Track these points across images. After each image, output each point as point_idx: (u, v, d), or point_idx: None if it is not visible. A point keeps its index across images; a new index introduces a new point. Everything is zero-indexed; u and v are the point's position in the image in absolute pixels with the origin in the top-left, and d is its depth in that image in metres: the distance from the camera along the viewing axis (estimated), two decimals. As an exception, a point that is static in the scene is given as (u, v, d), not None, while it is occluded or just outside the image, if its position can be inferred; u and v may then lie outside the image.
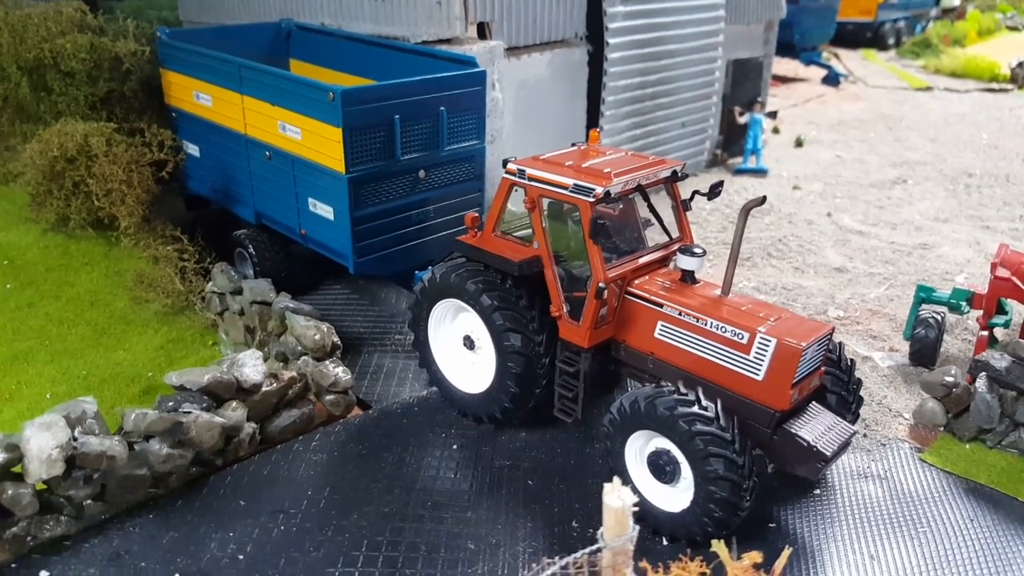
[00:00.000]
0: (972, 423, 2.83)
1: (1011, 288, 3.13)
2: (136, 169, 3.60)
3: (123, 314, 3.55)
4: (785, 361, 2.27)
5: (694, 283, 2.61)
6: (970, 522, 2.52)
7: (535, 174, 2.62)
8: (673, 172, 2.68)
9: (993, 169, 6.20)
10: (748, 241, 4.63)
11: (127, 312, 3.55)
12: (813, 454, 2.29)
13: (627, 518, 1.76)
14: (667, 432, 2.31)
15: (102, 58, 3.87)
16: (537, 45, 4.38)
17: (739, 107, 5.88)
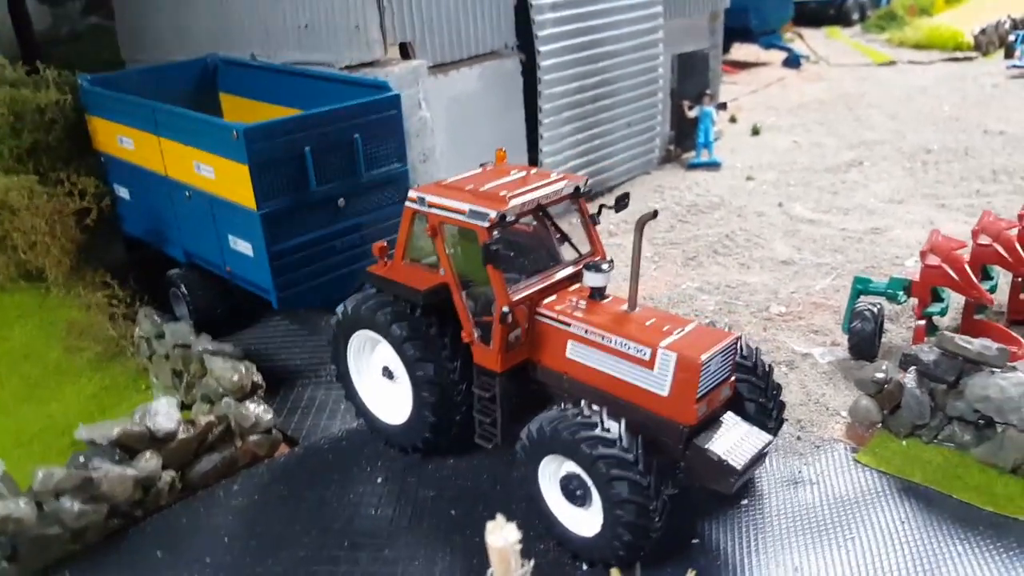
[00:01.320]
0: (906, 419, 2.77)
1: (942, 276, 3.07)
2: (59, 219, 3.58)
3: (57, 365, 3.52)
4: (687, 374, 2.22)
5: (603, 299, 2.57)
6: (902, 524, 2.46)
7: (434, 201, 2.58)
8: (576, 188, 2.64)
9: (952, 143, 6.12)
10: (695, 239, 4.57)
11: (61, 362, 3.53)
12: (724, 468, 2.24)
13: (512, 556, 1.72)
14: (572, 456, 2.26)
15: (24, 110, 3.85)
16: (465, 60, 4.34)
17: (688, 101, 5.83)
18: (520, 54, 4.58)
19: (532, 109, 4.73)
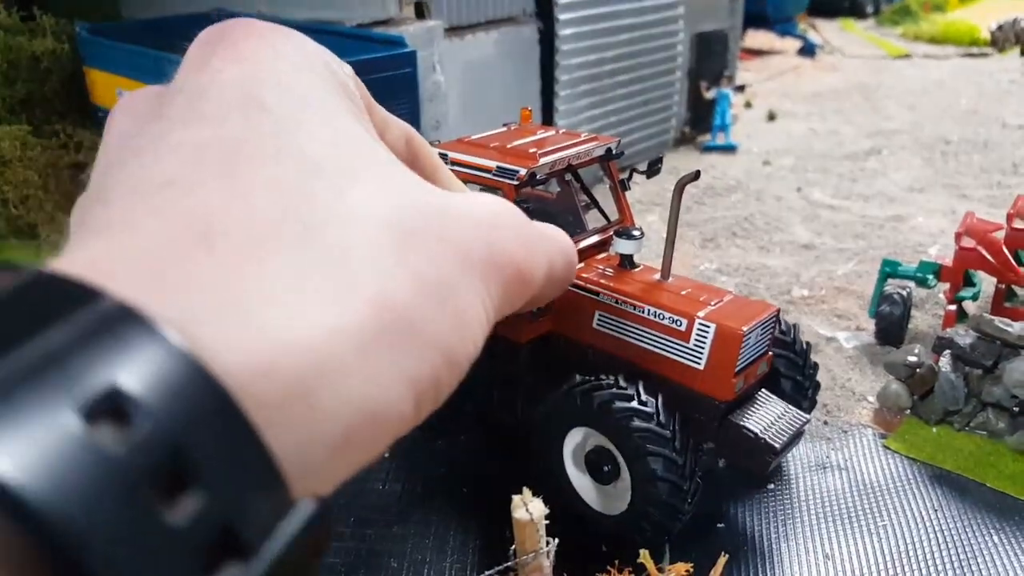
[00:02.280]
0: (938, 405, 2.66)
1: (977, 258, 2.96)
2: (53, 173, 3.41)
3: (47, 326, 3.36)
4: (726, 347, 2.09)
5: (633, 268, 2.43)
6: (935, 512, 2.35)
7: (458, 158, 2.43)
8: (608, 150, 2.49)
9: (971, 135, 6.00)
10: (712, 221, 4.45)
11: (51, 324, 3.37)
12: (761, 446, 2.12)
13: (538, 531, 1.60)
14: (603, 428, 2.14)
15: (18, 58, 3.67)
16: (482, 24, 4.17)
17: (706, 82, 5.67)
18: (538, 22, 4.42)
19: (548, 81, 4.57)
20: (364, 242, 0.26)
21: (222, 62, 0.30)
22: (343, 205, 0.27)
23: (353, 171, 0.29)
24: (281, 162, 0.27)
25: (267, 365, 0.22)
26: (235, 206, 0.25)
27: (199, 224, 0.24)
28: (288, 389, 0.22)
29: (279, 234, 0.25)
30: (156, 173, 0.26)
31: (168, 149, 0.27)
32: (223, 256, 0.23)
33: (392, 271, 0.26)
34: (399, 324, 0.26)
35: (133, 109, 0.33)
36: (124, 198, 0.26)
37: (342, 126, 0.30)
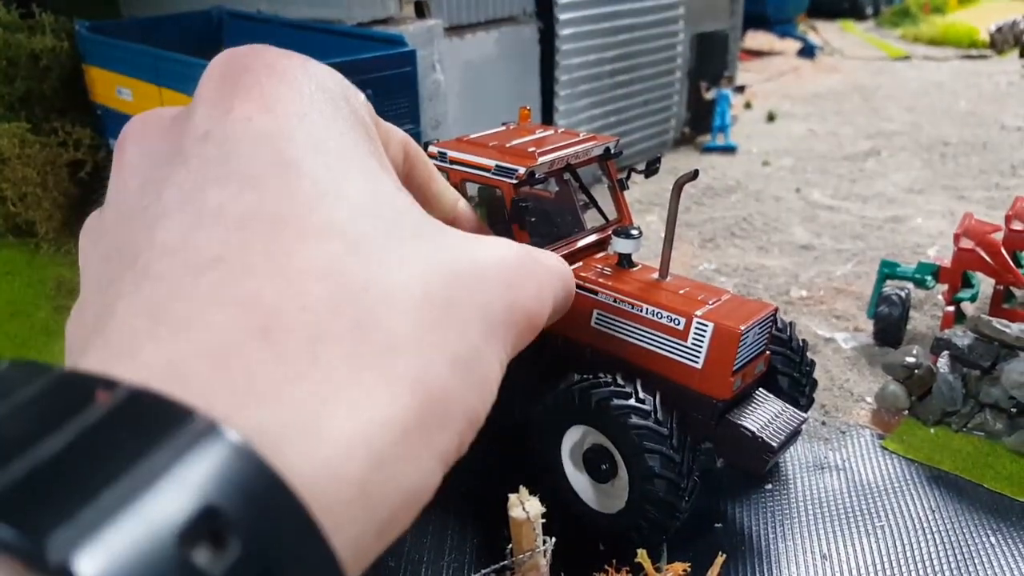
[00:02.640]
0: (936, 406, 2.66)
1: (976, 260, 2.96)
2: (52, 170, 3.41)
3: (44, 324, 3.36)
4: (724, 346, 2.09)
5: (631, 267, 2.43)
6: (932, 512, 2.35)
7: (457, 156, 2.43)
8: (606, 149, 2.49)
9: (970, 137, 6.01)
10: (711, 221, 4.45)
11: (48, 322, 3.36)
12: (759, 445, 2.12)
13: (534, 531, 1.60)
14: (601, 426, 2.14)
15: (17, 55, 3.66)
16: (482, 23, 4.18)
17: (705, 82, 5.68)
18: (538, 22, 4.42)
19: (548, 81, 4.57)
20: (407, 325, 0.27)
21: (249, 109, 0.29)
22: (387, 281, 0.27)
23: (393, 238, 0.29)
24: (327, 239, 0.27)
25: (336, 473, 0.23)
26: (289, 295, 0.25)
27: (259, 317, 0.24)
28: (351, 491, 0.24)
29: (333, 326, 0.25)
30: (203, 246, 0.26)
31: (210, 216, 0.27)
32: (286, 357, 0.24)
33: (431, 354, 0.27)
34: (436, 407, 0.27)
35: (146, 142, 0.32)
36: (174, 273, 0.25)
37: (375, 184, 0.31)
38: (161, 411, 0.21)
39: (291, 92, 0.31)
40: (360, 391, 0.25)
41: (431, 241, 0.31)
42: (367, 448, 0.24)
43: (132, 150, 0.32)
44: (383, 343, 0.26)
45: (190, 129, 0.30)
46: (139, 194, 0.30)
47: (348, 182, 0.29)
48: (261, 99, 0.30)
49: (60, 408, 0.20)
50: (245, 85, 0.30)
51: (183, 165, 0.29)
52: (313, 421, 0.24)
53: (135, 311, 0.25)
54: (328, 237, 0.27)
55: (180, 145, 0.30)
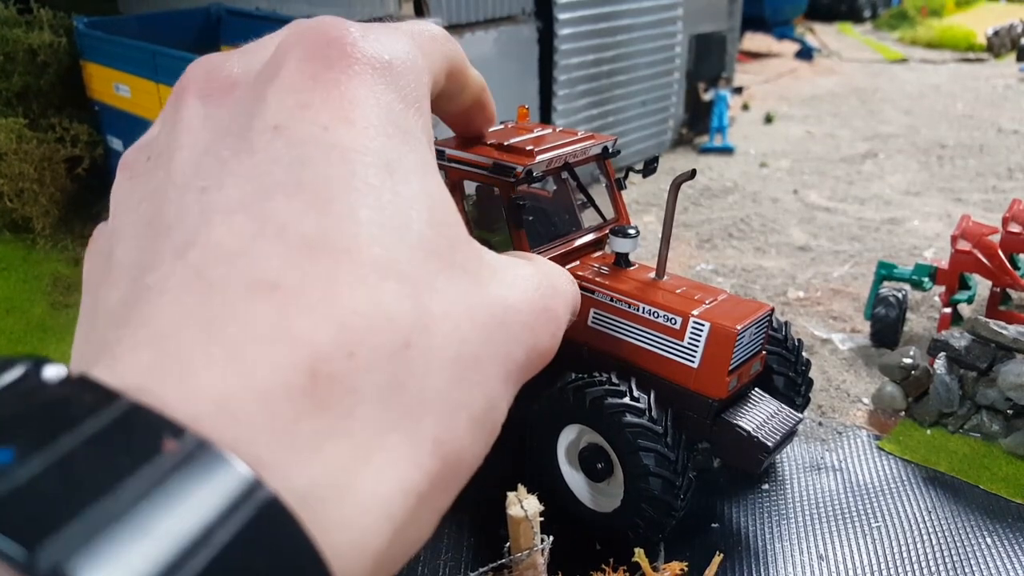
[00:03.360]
0: (932, 407, 2.66)
1: (973, 261, 2.96)
2: (49, 166, 3.39)
3: (40, 321, 3.34)
4: (720, 346, 2.09)
5: (628, 266, 2.43)
6: (928, 513, 2.35)
7: (455, 154, 2.42)
8: (604, 148, 2.49)
9: (967, 140, 6.03)
10: (709, 222, 4.45)
11: (45, 319, 3.35)
12: (754, 445, 2.12)
13: (532, 529, 1.59)
14: (596, 425, 2.14)
15: (15, 51, 3.65)
16: (481, 22, 4.17)
17: (703, 83, 5.68)
18: (537, 21, 4.42)
19: (546, 80, 4.57)
20: (438, 383, 0.27)
21: (327, 116, 0.28)
22: (430, 333, 0.27)
23: (443, 276, 0.29)
24: (383, 278, 0.26)
25: (360, 545, 0.23)
26: (339, 340, 0.24)
27: (309, 361, 0.24)
28: (368, 563, 0.23)
29: (372, 379, 0.25)
30: (263, 264, 0.25)
31: (274, 230, 0.26)
32: (327, 409, 0.24)
33: (455, 414, 0.27)
34: (450, 468, 0.27)
35: (211, 101, 0.31)
36: (231, 287, 0.25)
37: (437, 213, 0.30)
38: (216, 465, 0.20)
39: (371, 96, 0.29)
40: (387, 455, 0.25)
41: (476, 280, 0.30)
42: (391, 519, 0.24)
43: (193, 105, 0.31)
44: (414, 402, 0.26)
45: (260, 113, 0.28)
46: (196, 166, 0.29)
47: (412, 209, 0.28)
48: (340, 106, 0.29)
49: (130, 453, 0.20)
50: (325, 82, 0.29)
51: (249, 154, 0.27)
52: (348, 486, 0.23)
53: (187, 319, 0.24)
54: (385, 276, 0.26)
55: (248, 126, 0.28)
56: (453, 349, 0.27)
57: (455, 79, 0.41)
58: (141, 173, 0.31)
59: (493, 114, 0.49)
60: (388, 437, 0.25)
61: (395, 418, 0.25)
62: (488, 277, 0.31)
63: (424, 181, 0.30)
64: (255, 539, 0.19)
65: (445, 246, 0.29)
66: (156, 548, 0.18)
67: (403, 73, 0.32)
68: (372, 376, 0.25)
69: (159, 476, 0.19)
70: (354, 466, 0.23)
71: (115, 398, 0.21)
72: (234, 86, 0.31)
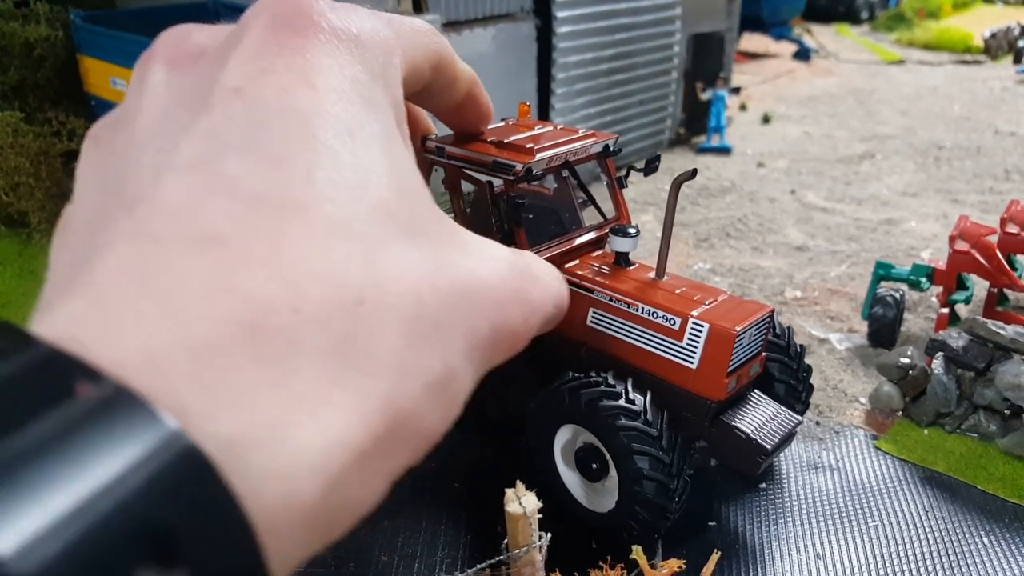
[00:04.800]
0: (929, 407, 2.67)
1: (971, 262, 2.97)
2: (45, 160, 3.37)
3: (36, 316, 3.33)
4: (719, 347, 2.09)
5: (628, 266, 2.42)
6: (925, 513, 2.36)
7: (455, 152, 2.41)
8: (605, 146, 2.49)
9: (964, 141, 6.04)
10: (707, 221, 4.45)
11: (40, 314, 3.33)
12: (752, 447, 2.12)
13: (530, 526, 1.59)
14: (592, 426, 2.13)
15: (11, 44, 3.63)
16: (480, 20, 4.16)
17: (701, 83, 5.69)
18: (536, 19, 4.41)
19: (545, 79, 4.56)
20: (392, 343, 0.26)
21: (288, 79, 0.28)
22: (384, 293, 0.26)
23: (403, 242, 0.28)
24: (337, 237, 0.26)
25: (292, 498, 0.22)
26: (284, 295, 0.24)
27: (249, 314, 0.23)
28: (302, 515, 0.23)
29: (320, 335, 0.24)
30: (208, 218, 0.25)
31: (224, 186, 0.26)
32: (267, 361, 0.23)
33: (409, 376, 0.26)
34: (400, 429, 0.26)
35: (176, 67, 0.31)
36: (172, 241, 0.24)
37: (401, 179, 0.30)
38: (133, 411, 0.20)
39: (335, 65, 0.29)
40: (331, 410, 0.24)
41: (439, 248, 0.30)
42: (326, 473, 0.23)
43: (158, 71, 0.31)
44: (364, 360, 0.25)
45: (222, 77, 0.28)
46: (156, 127, 0.29)
47: (372, 173, 0.28)
48: (302, 71, 0.28)
49: (39, 396, 0.19)
50: (290, 48, 0.29)
51: (207, 115, 0.27)
52: (281, 437, 0.22)
53: (125, 272, 0.24)
54: (338, 235, 0.26)
55: (209, 88, 0.28)
56: (410, 310, 0.27)
57: (443, 72, 0.41)
58: (105, 142, 0.31)
59: (488, 109, 0.49)
60: (333, 392, 0.24)
61: (342, 373, 0.24)
62: (455, 249, 0.31)
63: (388, 149, 0.30)
64: (169, 487, 0.19)
65: (406, 212, 0.29)
66: (53, 494, 0.17)
67: (371, 47, 0.32)
68: (318, 331, 0.24)
69: (68, 421, 0.19)
70: (291, 418, 0.23)
71: (32, 344, 0.20)
72: (201, 54, 0.31)
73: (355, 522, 0.26)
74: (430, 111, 0.50)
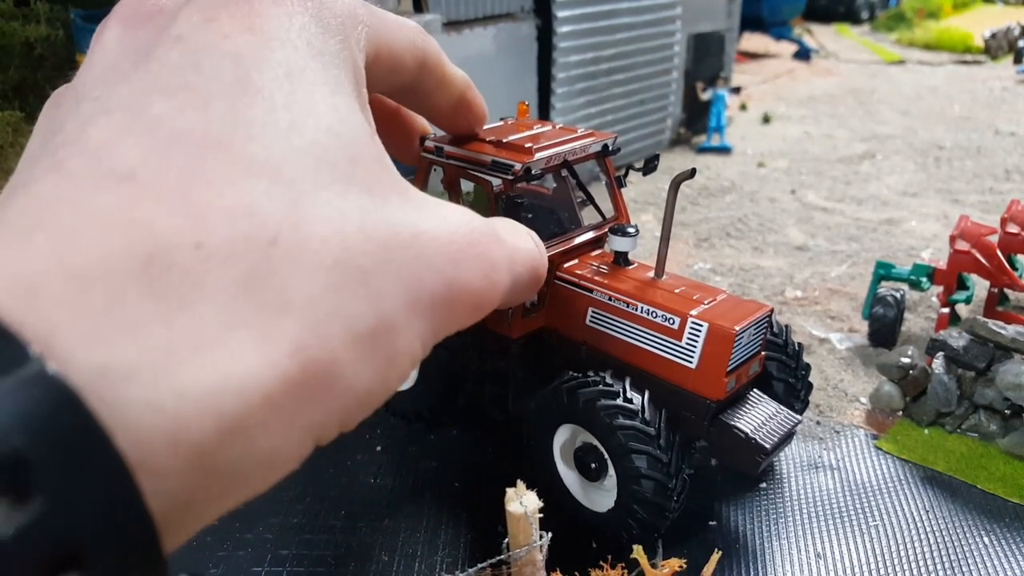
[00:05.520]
0: (930, 406, 2.66)
1: (972, 261, 2.97)
2: (44, 160, 3.37)
3: (35, 316, 3.33)
4: (718, 346, 2.08)
5: (627, 265, 2.42)
6: (926, 513, 2.35)
7: (454, 151, 2.41)
8: (604, 146, 2.48)
9: (964, 141, 6.04)
10: (707, 221, 4.45)
11: (40, 314, 3.33)
12: (752, 446, 2.11)
13: (531, 525, 1.59)
14: (590, 426, 2.13)
15: (12, 44, 3.63)
16: (480, 19, 4.16)
17: (701, 83, 5.68)
18: (536, 19, 4.41)
19: (545, 79, 4.56)
20: (309, 286, 0.25)
21: (231, 25, 0.28)
22: (303, 234, 0.25)
23: (334, 188, 0.27)
24: (255, 174, 0.25)
25: (174, 436, 0.21)
26: (187, 229, 0.23)
27: (146, 247, 0.23)
28: (189, 456, 0.21)
29: (223, 272, 0.23)
30: (123, 155, 0.24)
31: (144, 124, 0.25)
32: (159, 295, 0.22)
33: (328, 321, 0.25)
34: (317, 378, 0.25)
35: (130, 25, 0.31)
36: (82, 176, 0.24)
37: (343, 126, 0.29)
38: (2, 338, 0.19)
39: (281, 15, 0.29)
40: (229, 349, 0.23)
41: (380, 199, 0.29)
42: (218, 412, 0.22)
43: (114, 30, 0.31)
44: (275, 301, 0.24)
45: (168, 29, 0.29)
46: (99, 78, 0.29)
47: (310, 117, 0.28)
48: (247, 17, 0.28)
49: None
50: (237, 0, 0.29)
51: (145, 64, 0.27)
52: (165, 371, 0.21)
53: (30, 207, 0.23)
54: (257, 172, 0.25)
55: (156, 42, 0.29)
56: (332, 256, 0.26)
57: (430, 72, 0.41)
58: (58, 101, 0.32)
59: (482, 112, 0.49)
60: (235, 331, 0.23)
61: (247, 313, 0.23)
62: (401, 203, 0.30)
63: (333, 97, 0.29)
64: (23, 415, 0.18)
65: (344, 160, 0.28)
66: None
67: (332, 8, 0.31)
68: (221, 268, 0.23)
69: None
70: (179, 352, 0.22)
71: None
72: (159, 12, 0.31)
73: (272, 476, 0.25)
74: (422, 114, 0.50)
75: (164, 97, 0.26)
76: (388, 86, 0.38)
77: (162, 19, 0.30)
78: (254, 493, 0.25)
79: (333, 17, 0.31)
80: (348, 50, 0.31)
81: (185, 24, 0.28)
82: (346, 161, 0.28)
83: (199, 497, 0.22)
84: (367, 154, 0.29)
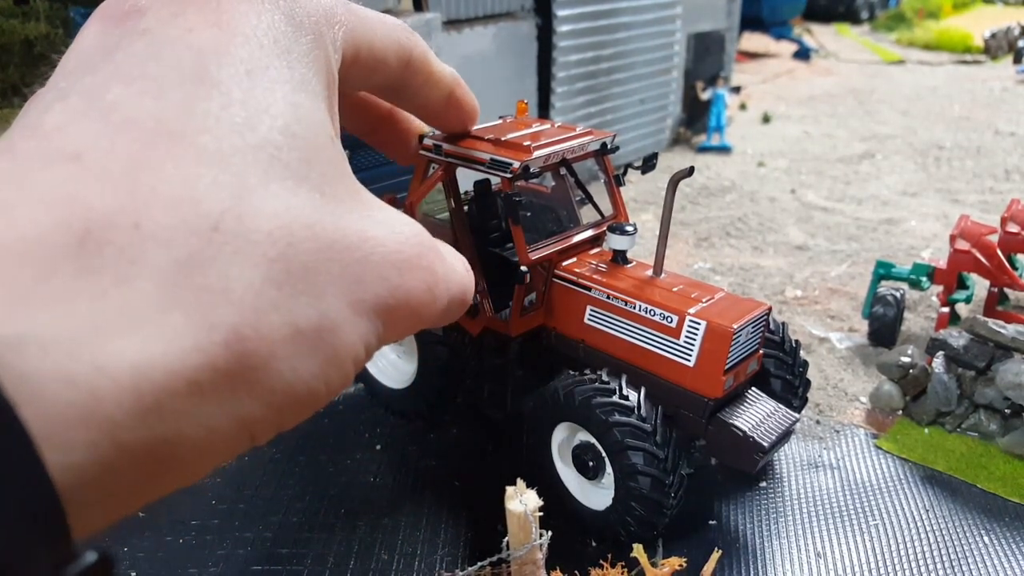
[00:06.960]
0: (930, 406, 2.66)
1: (972, 261, 2.96)
2: (43, 159, 3.37)
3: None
4: (716, 344, 2.08)
5: (626, 264, 2.42)
6: (926, 512, 2.35)
7: (451, 149, 2.41)
8: (603, 144, 2.48)
9: (964, 141, 6.04)
10: (707, 221, 4.45)
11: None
12: (750, 445, 2.11)
13: (531, 524, 1.58)
14: (587, 424, 2.12)
15: (11, 42, 3.62)
16: (480, 18, 4.16)
17: (701, 82, 5.68)
18: (537, 18, 4.41)
19: (545, 78, 4.56)
20: (249, 276, 0.25)
21: (196, 20, 0.28)
22: (248, 225, 0.25)
23: (285, 185, 0.27)
24: (204, 164, 0.25)
25: (87, 411, 0.21)
26: (127, 210, 0.23)
27: (83, 223, 0.23)
28: (100, 435, 0.21)
29: (161, 253, 0.23)
30: (72, 137, 0.25)
31: (98, 110, 0.26)
32: (92, 271, 0.22)
33: (266, 313, 0.25)
34: (252, 370, 0.25)
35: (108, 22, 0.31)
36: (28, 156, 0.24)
37: (301, 126, 0.29)
38: None
39: (250, 12, 0.29)
40: (160, 329, 0.23)
41: (330, 201, 0.29)
42: (137, 392, 0.22)
43: (93, 27, 0.32)
44: (213, 287, 0.24)
45: (139, 22, 0.29)
46: (68, 73, 0.29)
47: (266, 114, 0.28)
48: (214, 14, 0.29)
49: None
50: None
51: (111, 56, 0.28)
52: (84, 345, 0.21)
53: None
54: (206, 162, 0.25)
55: (125, 36, 0.29)
56: (276, 249, 0.26)
57: (416, 70, 0.40)
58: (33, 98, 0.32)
59: (473, 109, 0.48)
60: (168, 313, 0.23)
61: (183, 296, 0.23)
62: (353, 206, 0.30)
63: (293, 96, 0.29)
64: None
65: (297, 159, 0.28)
66: None
67: (305, 7, 0.31)
68: (159, 249, 0.23)
69: None
70: (107, 329, 0.22)
71: None
72: (136, 11, 0.31)
73: (200, 466, 0.24)
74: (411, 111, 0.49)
75: (122, 85, 0.27)
76: (372, 85, 0.38)
77: (137, 16, 0.31)
78: (182, 482, 0.25)
79: (307, 16, 0.31)
80: (320, 49, 0.31)
81: (153, 18, 0.29)
82: (299, 161, 0.28)
83: (115, 478, 0.22)
84: (323, 156, 0.30)
